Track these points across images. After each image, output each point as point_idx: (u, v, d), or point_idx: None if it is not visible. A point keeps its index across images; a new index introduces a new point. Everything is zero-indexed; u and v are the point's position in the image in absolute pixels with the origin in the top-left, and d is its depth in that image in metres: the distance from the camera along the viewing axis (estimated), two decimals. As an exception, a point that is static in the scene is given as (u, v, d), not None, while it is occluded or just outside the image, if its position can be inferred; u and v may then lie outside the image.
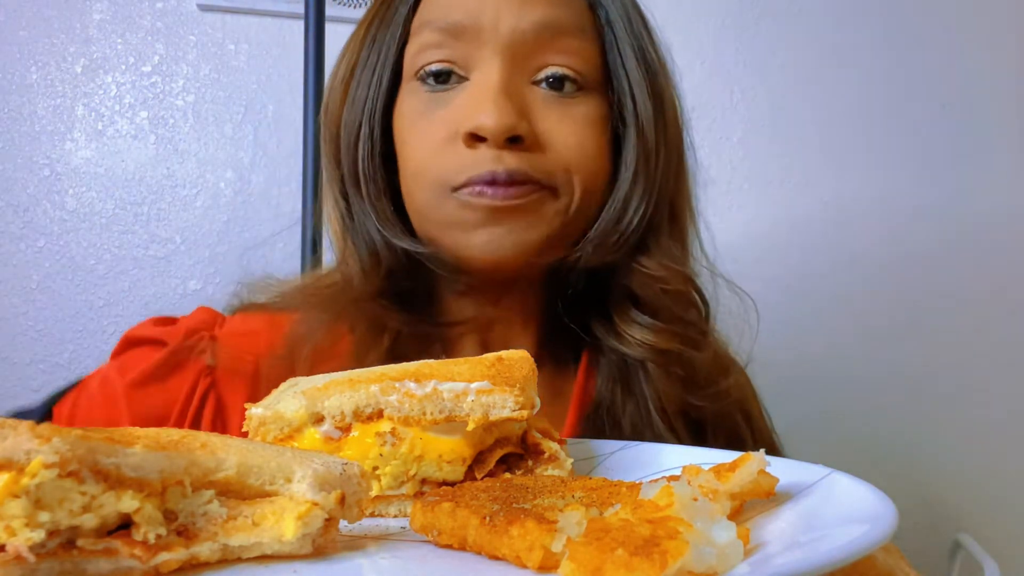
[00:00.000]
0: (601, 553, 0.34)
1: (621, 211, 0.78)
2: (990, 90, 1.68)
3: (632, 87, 0.79)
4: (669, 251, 0.80)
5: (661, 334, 0.78)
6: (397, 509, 0.55)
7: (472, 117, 0.72)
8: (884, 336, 1.62)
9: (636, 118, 0.79)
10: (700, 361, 0.79)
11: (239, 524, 0.42)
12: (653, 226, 0.80)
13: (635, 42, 0.80)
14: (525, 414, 0.55)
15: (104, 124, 1.45)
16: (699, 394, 0.80)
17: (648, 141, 0.79)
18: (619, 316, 0.80)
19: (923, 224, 1.65)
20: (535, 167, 0.74)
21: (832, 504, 0.44)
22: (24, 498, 0.36)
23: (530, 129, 0.73)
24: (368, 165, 0.79)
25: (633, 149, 0.78)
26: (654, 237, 0.80)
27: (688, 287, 0.81)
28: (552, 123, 0.75)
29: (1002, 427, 1.64)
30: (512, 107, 0.72)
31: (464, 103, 0.74)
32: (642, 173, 0.78)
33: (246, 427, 0.57)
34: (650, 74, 0.80)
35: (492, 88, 0.72)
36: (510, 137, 0.72)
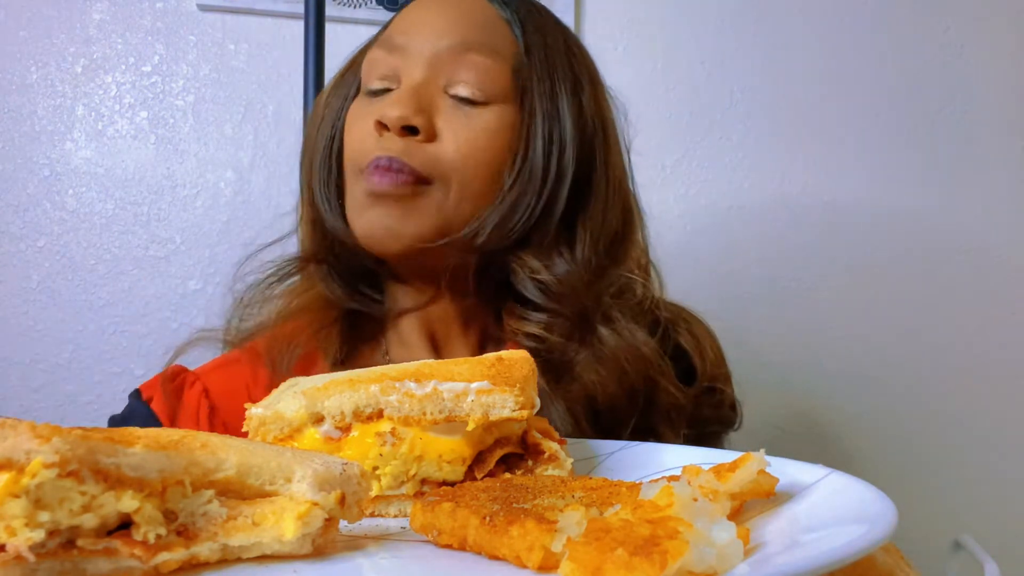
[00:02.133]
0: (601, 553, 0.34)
1: (507, 212, 0.88)
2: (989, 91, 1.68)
3: (535, 107, 0.90)
4: (548, 250, 0.89)
5: (542, 326, 0.87)
6: (397, 509, 0.55)
7: (383, 110, 0.85)
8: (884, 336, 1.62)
9: (530, 135, 0.89)
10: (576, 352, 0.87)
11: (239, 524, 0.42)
12: (538, 228, 0.89)
13: (547, 66, 0.91)
14: (525, 414, 0.55)
15: (104, 124, 1.45)
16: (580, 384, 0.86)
17: (536, 156, 0.88)
18: (506, 312, 0.90)
19: (923, 224, 1.65)
20: (417, 156, 0.84)
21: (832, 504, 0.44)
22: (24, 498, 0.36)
23: (427, 124, 0.85)
24: (326, 159, 0.93)
25: (519, 161, 0.89)
26: (537, 238, 0.89)
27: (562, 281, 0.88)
28: (452, 123, 0.87)
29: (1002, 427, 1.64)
30: (415, 104, 0.85)
31: (386, 103, 0.87)
32: (527, 184, 0.88)
33: (246, 427, 0.57)
34: (554, 97, 0.91)
35: (405, 89, 0.87)
36: (406, 126, 0.84)
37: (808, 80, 1.64)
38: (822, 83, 1.64)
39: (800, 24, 1.64)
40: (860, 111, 1.65)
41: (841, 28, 1.65)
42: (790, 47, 1.64)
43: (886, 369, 1.62)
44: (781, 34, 1.63)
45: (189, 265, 1.45)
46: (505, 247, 0.89)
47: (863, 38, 1.65)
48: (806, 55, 1.64)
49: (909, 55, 1.66)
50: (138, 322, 1.43)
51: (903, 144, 1.65)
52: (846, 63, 1.65)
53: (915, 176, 1.66)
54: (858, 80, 1.65)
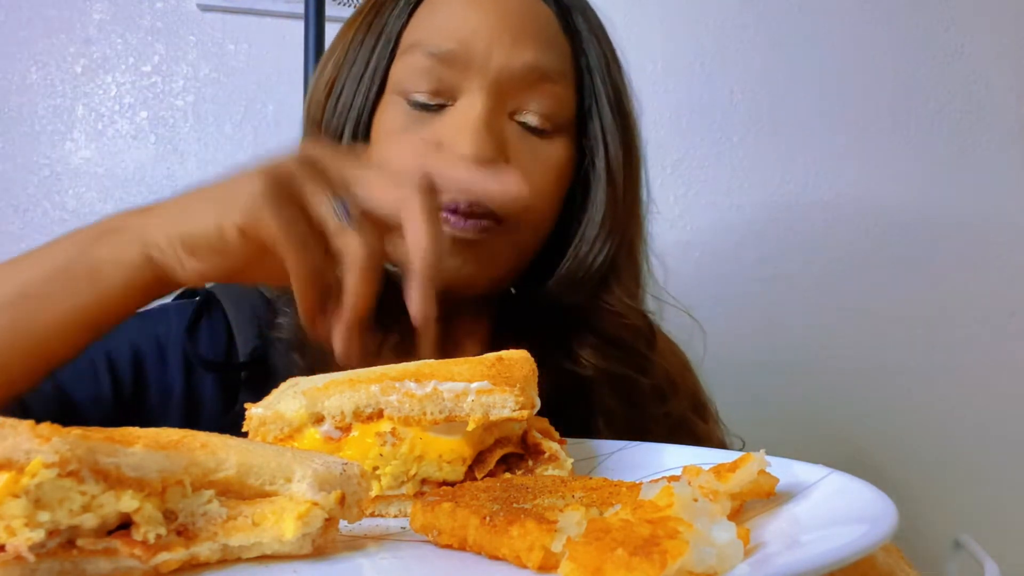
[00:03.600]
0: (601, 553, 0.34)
1: (588, 250, 0.83)
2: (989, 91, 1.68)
3: (606, 134, 0.84)
4: (628, 288, 0.85)
5: (612, 359, 0.83)
6: (397, 509, 0.55)
7: (452, 146, 0.75)
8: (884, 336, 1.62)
9: (607, 164, 0.83)
10: (647, 385, 0.84)
11: (239, 524, 0.42)
12: (615, 266, 0.84)
13: (611, 91, 0.85)
14: (525, 414, 0.55)
15: (104, 124, 1.45)
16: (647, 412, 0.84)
17: (617, 187, 0.83)
18: (576, 340, 0.84)
19: (923, 225, 1.65)
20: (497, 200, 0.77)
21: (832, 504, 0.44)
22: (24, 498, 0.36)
23: (505, 162, 0.77)
24: None
25: (603, 192, 0.83)
26: (615, 276, 0.85)
27: (643, 322, 0.86)
28: (522, 159, 0.79)
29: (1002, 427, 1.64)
30: (491, 141, 0.75)
31: (447, 128, 0.77)
32: (609, 216, 0.83)
33: (246, 427, 0.57)
34: (623, 123, 0.85)
35: (476, 120, 0.75)
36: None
37: (808, 80, 1.64)
38: (822, 83, 1.64)
39: (800, 24, 1.64)
40: (860, 111, 1.65)
41: (841, 28, 1.65)
42: (790, 47, 1.64)
43: (886, 369, 1.62)
44: (781, 34, 1.63)
45: (189, 265, 1.45)
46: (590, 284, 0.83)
47: (863, 38, 1.65)
48: (806, 55, 1.64)
49: (909, 55, 1.66)
50: (138, 322, 1.43)
51: (903, 144, 1.66)
52: (846, 63, 1.65)
53: (915, 176, 1.66)
54: (858, 80, 1.65)
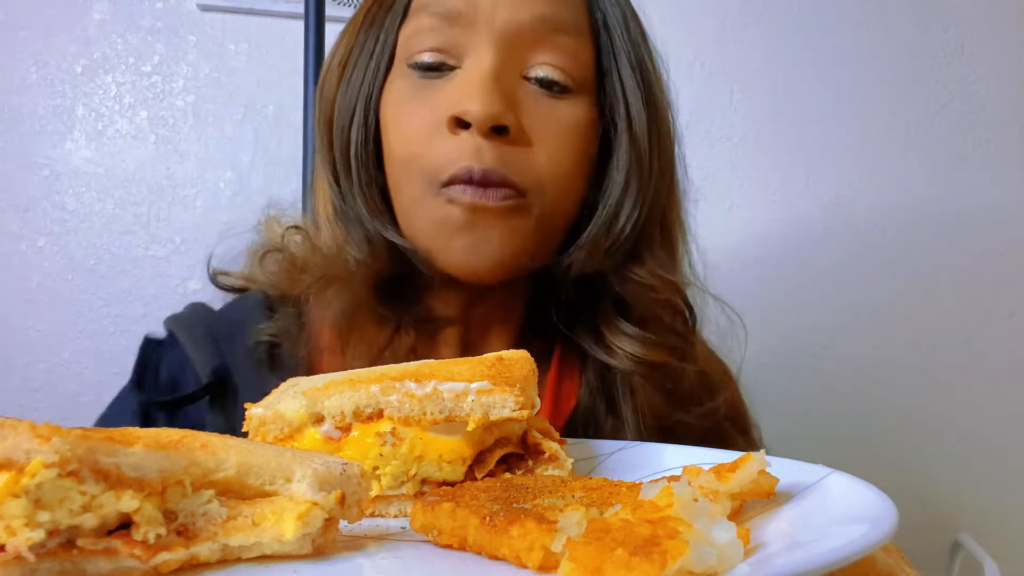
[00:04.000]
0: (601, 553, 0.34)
1: (613, 216, 0.77)
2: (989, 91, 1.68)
3: (626, 92, 0.78)
4: (660, 260, 0.79)
5: (649, 346, 0.77)
6: (397, 509, 0.55)
7: (459, 103, 0.70)
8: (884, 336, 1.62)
9: (629, 123, 0.78)
10: (687, 374, 0.78)
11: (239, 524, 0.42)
12: (645, 235, 0.79)
13: (632, 49, 0.79)
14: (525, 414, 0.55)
15: (104, 124, 1.45)
16: (687, 410, 0.79)
17: (641, 147, 0.77)
18: (607, 327, 0.79)
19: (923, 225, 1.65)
20: (513, 164, 0.72)
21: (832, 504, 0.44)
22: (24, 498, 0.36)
23: (516, 121, 0.72)
24: (361, 151, 0.78)
25: (625, 154, 0.77)
26: (646, 245, 0.79)
27: (677, 297, 0.80)
28: (537, 120, 0.74)
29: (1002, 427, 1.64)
30: (501, 96, 0.71)
31: (453, 89, 0.72)
32: (635, 178, 0.77)
33: (246, 427, 0.57)
34: (645, 82, 0.79)
35: (482, 75, 0.71)
36: (495, 127, 0.70)
37: (808, 80, 1.64)
38: (822, 83, 1.64)
39: (800, 24, 1.64)
40: (860, 111, 1.65)
41: (841, 28, 1.65)
42: (790, 47, 1.64)
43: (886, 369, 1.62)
44: (781, 34, 1.63)
45: (189, 265, 1.45)
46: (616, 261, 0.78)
47: (863, 38, 1.65)
48: (806, 55, 1.64)
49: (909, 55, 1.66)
50: (138, 322, 1.43)
51: (903, 144, 1.65)
52: (846, 63, 1.65)
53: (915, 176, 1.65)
54: (858, 80, 1.65)
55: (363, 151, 0.78)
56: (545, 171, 0.74)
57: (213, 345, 0.80)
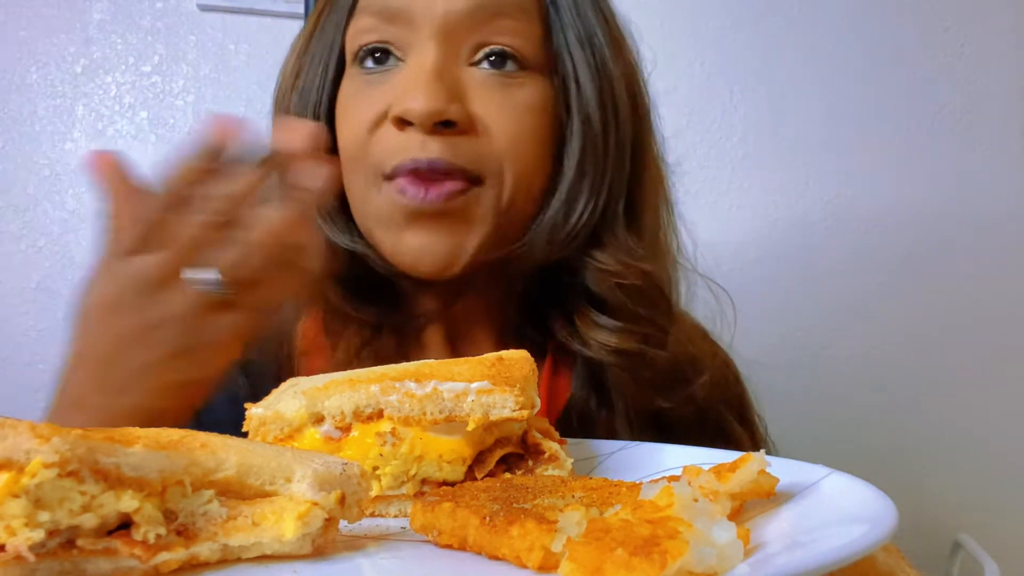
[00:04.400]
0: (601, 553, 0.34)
1: (568, 203, 0.75)
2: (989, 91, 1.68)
3: (577, 72, 0.75)
4: (624, 244, 0.76)
5: (621, 334, 0.75)
6: (397, 509, 0.55)
7: (401, 101, 0.69)
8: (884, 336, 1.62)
9: (580, 104, 0.75)
10: (664, 360, 0.76)
11: (239, 524, 0.42)
12: (606, 219, 0.76)
13: (581, 24, 0.77)
14: (525, 414, 0.55)
15: (104, 124, 1.45)
16: (666, 395, 0.77)
17: (594, 129, 0.75)
18: (579, 317, 0.77)
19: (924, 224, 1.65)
20: (463, 153, 0.70)
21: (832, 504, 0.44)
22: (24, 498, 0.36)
23: (463, 112, 0.70)
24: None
25: (577, 138, 0.75)
26: (608, 230, 0.76)
27: (646, 282, 0.77)
28: (490, 105, 0.72)
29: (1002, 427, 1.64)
30: (443, 90, 0.69)
31: (396, 86, 0.71)
32: (589, 163, 0.75)
33: (246, 427, 0.57)
34: (597, 58, 0.76)
35: (423, 72, 0.69)
36: (440, 121, 0.69)
37: (808, 80, 1.64)
38: (822, 83, 1.64)
39: (800, 24, 1.64)
40: (860, 111, 1.65)
41: (841, 28, 1.65)
42: (790, 47, 1.63)
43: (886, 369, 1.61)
44: (781, 34, 1.63)
45: (189, 265, 1.45)
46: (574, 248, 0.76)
47: (862, 38, 1.65)
48: (806, 55, 1.64)
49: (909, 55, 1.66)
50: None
51: (903, 144, 1.65)
52: (846, 63, 1.64)
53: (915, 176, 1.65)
54: (858, 80, 1.65)
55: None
56: (503, 155, 0.72)
57: None
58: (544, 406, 0.79)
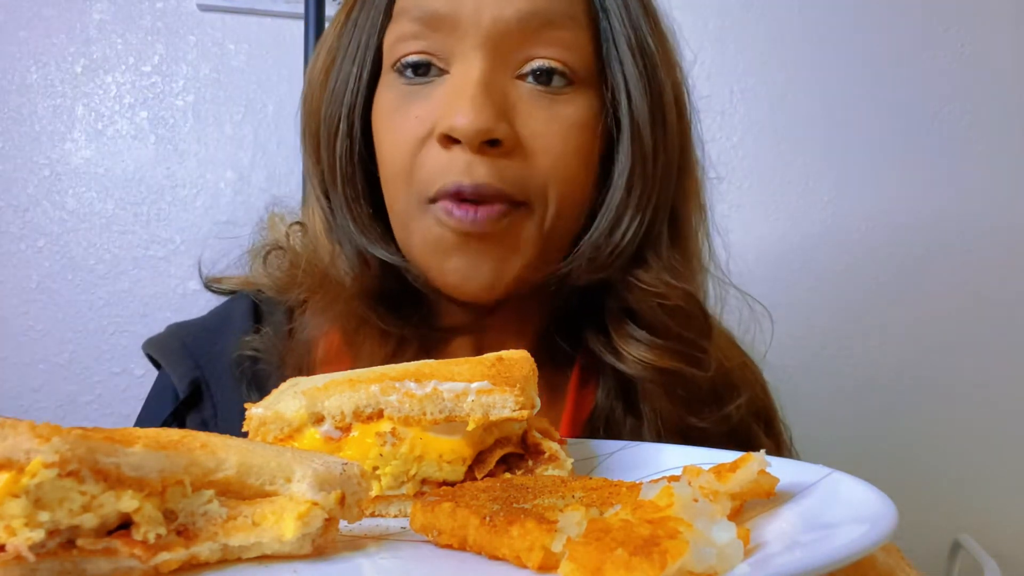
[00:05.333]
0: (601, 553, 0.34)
1: (614, 222, 0.73)
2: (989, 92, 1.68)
3: (628, 83, 0.72)
4: (669, 264, 0.75)
5: (660, 351, 0.73)
6: (397, 509, 0.55)
7: (447, 117, 0.67)
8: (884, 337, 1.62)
9: (631, 119, 0.73)
10: (702, 380, 0.75)
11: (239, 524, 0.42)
12: (651, 237, 0.75)
13: (632, 33, 0.74)
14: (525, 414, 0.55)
15: (104, 124, 1.45)
16: (702, 415, 0.76)
17: (644, 145, 0.73)
18: (616, 332, 0.75)
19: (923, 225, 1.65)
20: (509, 177, 0.68)
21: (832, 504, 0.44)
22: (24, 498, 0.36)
23: (510, 132, 0.68)
24: (347, 164, 0.74)
25: (627, 154, 0.73)
26: (652, 249, 0.75)
27: (688, 303, 0.75)
28: (537, 124, 0.69)
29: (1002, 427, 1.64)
30: (491, 107, 0.66)
31: (441, 100, 0.69)
32: (638, 180, 0.73)
33: (246, 427, 0.57)
34: (648, 68, 0.74)
35: (470, 85, 0.67)
36: (487, 140, 0.67)
37: (807, 81, 1.64)
38: (821, 84, 1.64)
39: (800, 25, 1.64)
40: (860, 111, 1.65)
41: (841, 28, 1.65)
42: (790, 47, 1.64)
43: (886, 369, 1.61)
44: (781, 34, 1.63)
45: (189, 265, 1.45)
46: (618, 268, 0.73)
47: (863, 38, 1.65)
48: (806, 55, 1.64)
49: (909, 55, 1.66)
50: (138, 322, 1.43)
51: (903, 144, 1.65)
52: (846, 63, 1.64)
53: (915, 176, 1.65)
54: (858, 80, 1.65)
55: (348, 164, 0.74)
56: (548, 178, 0.70)
57: (189, 360, 0.77)
58: (569, 417, 0.79)
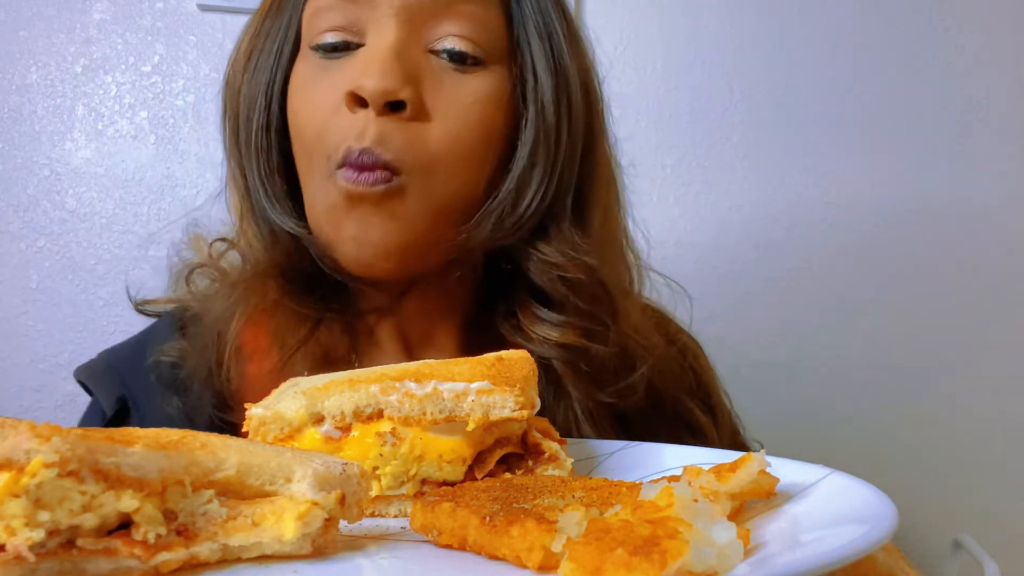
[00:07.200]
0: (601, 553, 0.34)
1: (517, 191, 0.75)
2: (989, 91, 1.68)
3: (535, 63, 0.76)
4: (569, 238, 0.77)
5: (562, 328, 0.75)
6: (397, 509, 0.55)
7: (356, 78, 0.69)
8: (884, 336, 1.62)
9: (536, 96, 0.75)
10: (605, 355, 0.76)
11: (239, 524, 0.42)
12: (553, 211, 0.77)
13: (540, 17, 0.77)
14: (525, 414, 0.55)
15: (104, 124, 1.45)
16: (606, 389, 0.77)
17: (547, 119, 0.75)
18: (521, 311, 0.77)
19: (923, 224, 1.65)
20: (399, 143, 0.69)
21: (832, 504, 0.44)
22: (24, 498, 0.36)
23: (415, 96, 0.69)
24: (262, 138, 0.76)
25: (532, 127, 0.75)
26: (554, 222, 0.77)
27: (588, 275, 0.76)
28: (443, 95, 0.71)
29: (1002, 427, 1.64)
30: (400, 71, 0.69)
31: (355, 67, 0.71)
32: (541, 153, 0.75)
33: (246, 427, 0.57)
34: (554, 51, 0.77)
35: (382, 50, 0.69)
36: (391, 102, 0.68)
37: (808, 80, 1.64)
38: (821, 83, 1.64)
39: (800, 24, 1.64)
40: (860, 111, 1.65)
41: (841, 28, 1.65)
42: (790, 47, 1.64)
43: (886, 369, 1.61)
44: (781, 34, 1.63)
45: (189, 265, 1.45)
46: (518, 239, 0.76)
47: (863, 38, 1.65)
48: (806, 55, 1.64)
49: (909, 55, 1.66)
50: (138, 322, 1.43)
51: (902, 143, 1.65)
52: (846, 63, 1.64)
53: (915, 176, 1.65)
54: (857, 80, 1.65)
55: (264, 139, 0.76)
56: (438, 149, 0.71)
57: (115, 378, 0.79)
58: None
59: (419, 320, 0.81)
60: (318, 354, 0.75)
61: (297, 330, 0.75)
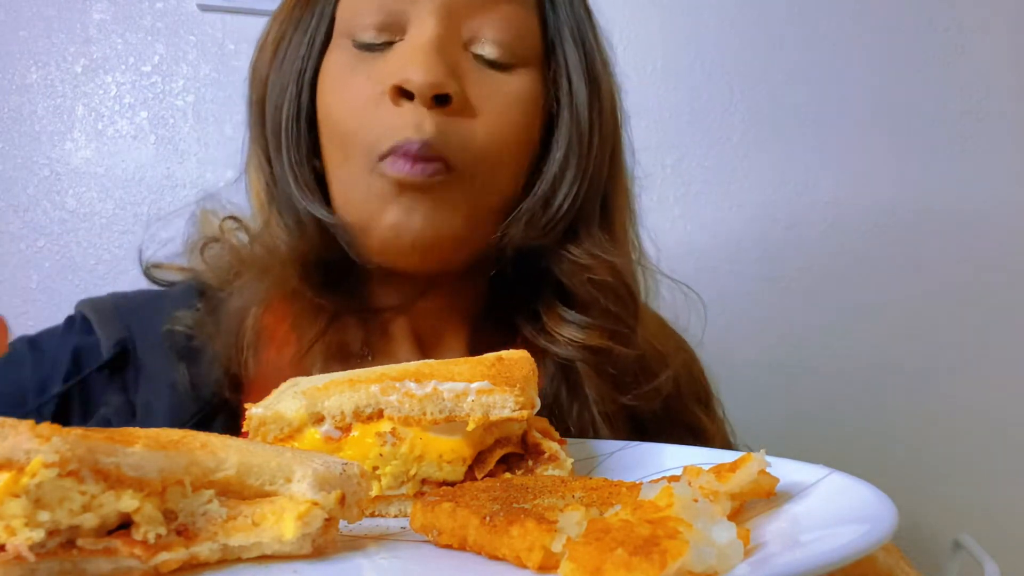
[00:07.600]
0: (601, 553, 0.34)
1: (550, 192, 0.76)
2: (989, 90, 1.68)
3: (569, 68, 0.77)
4: (598, 240, 0.78)
5: (589, 330, 0.76)
6: (397, 509, 0.55)
7: (401, 71, 0.69)
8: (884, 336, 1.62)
9: (571, 98, 0.77)
10: (630, 358, 0.77)
11: (239, 524, 0.42)
12: (583, 214, 0.78)
13: (575, 24, 0.79)
14: (525, 414, 0.55)
15: (104, 124, 1.45)
16: (631, 393, 0.78)
17: (582, 123, 0.77)
18: (548, 315, 0.78)
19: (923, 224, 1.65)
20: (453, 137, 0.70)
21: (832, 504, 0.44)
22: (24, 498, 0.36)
23: (460, 90, 0.70)
24: (292, 127, 0.76)
25: (566, 129, 0.76)
26: (584, 225, 0.78)
27: (615, 278, 0.77)
28: (482, 92, 0.72)
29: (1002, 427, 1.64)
30: (443, 64, 0.69)
31: (396, 59, 0.71)
32: (574, 155, 0.76)
33: (246, 427, 0.57)
34: (588, 58, 0.79)
35: (425, 43, 0.69)
36: (438, 95, 0.69)
37: (808, 80, 1.64)
38: (822, 83, 1.64)
39: (800, 24, 1.64)
40: (860, 111, 1.65)
41: (841, 28, 1.65)
42: (790, 47, 1.64)
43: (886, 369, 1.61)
44: (781, 34, 1.63)
45: (189, 265, 1.45)
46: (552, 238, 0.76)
47: (863, 38, 1.65)
48: (806, 55, 1.64)
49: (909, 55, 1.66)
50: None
51: (903, 144, 1.65)
52: (846, 63, 1.64)
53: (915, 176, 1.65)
54: (857, 80, 1.65)
55: (295, 128, 0.76)
56: (483, 145, 0.72)
57: (119, 320, 0.79)
58: None
59: (433, 319, 0.82)
60: (334, 347, 0.76)
61: (315, 322, 0.76)
